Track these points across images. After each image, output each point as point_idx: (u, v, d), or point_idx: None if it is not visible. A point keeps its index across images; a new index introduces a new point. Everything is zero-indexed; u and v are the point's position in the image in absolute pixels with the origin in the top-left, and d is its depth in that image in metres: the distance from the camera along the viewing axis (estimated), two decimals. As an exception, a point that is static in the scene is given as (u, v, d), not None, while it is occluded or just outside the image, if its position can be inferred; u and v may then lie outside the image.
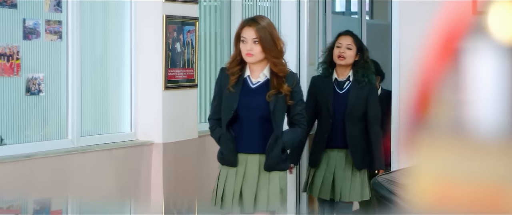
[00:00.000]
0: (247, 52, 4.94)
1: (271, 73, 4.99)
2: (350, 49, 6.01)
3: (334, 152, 6.01)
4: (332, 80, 6.05)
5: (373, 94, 6.04)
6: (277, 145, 4.97)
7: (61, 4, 5.21)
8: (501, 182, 1.02)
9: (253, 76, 5.03)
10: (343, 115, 5.95)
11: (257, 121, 4.97)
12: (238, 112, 4.97)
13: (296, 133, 5.11)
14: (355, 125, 5.94)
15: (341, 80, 6.06)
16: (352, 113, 5.93)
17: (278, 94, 4.98)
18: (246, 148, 4.99)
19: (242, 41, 4.97)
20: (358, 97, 5.95)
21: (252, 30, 4.96)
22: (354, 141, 5.95)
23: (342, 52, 6.01)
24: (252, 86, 5.03)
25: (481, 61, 1.07)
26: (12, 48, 4.87)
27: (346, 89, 6.01)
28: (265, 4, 7.49)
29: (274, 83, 4.98)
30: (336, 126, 5.96)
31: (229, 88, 4.98)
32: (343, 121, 5.94)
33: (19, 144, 4.97)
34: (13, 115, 4.95)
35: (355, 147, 5.95)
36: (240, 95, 4.99)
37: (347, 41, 6.05)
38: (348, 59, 6.00)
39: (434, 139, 1.09)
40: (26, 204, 4.68)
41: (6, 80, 4.87)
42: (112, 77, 5.90)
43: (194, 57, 6.21)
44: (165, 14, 5.85)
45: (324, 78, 6.09)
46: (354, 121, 5.94)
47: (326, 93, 6.01)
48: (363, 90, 5.97)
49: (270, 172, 5.00)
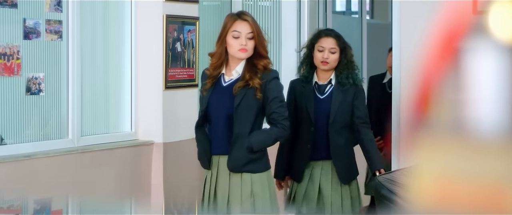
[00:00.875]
0: (241, 47, 4.70)
1: (245, 67, 4.72)
2: (334, 52, 5.34)
3: (318, 163, 5.33)
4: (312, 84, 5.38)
5: (359, 97, 5.37)
6: (239, 144, 4.64)
7: (61, 4, 5.21)
8: (502, 182, 1.01)
9: (227, 74, 4.80)
10: (326, 122, 5.29)
11: (225, 120, 4.67)
12: (208, 112, 4.75)
13: (270, 133, 4.74)
14: (340, 134, 5.29)
15: (322, 84, 5.38)
16: (336, 121, 5.28)
17: (247, 87, 4.67)
18: (218, 149, 4.69)
19: (233, 37, 4.72)
20: (342, 102, 5.31)
21: (247, 24, 4.69)
22: (339, 152, 5.30)
23: (325, 58, 5.33)
24: (223, 85, 4.77)
25: (481, 61, 1.06)
26: (12, 48, 4.87)
27: (328, 94, 5.36)
28: (266, 4, 7.48)
29: (246, 76, 4.67)
30: (318, 135, 5.29)
31: (202, 91, 4.81)
32: (326, 129, 5.28)
33: (19, 144, 4.97)
34: (13, 115, 4.95)
35: (339, 158, 5.30)
36: (211, 94, 4.76)
37: (330, 44, 5.36)
38: (332, 63, 5.34)
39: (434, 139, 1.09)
40: (26, 204, 4.68)
41: (7, 80, 4.87)
42: (112, 77, 5.90)
43: (195, 57, 6.21)
44: (166, 13, 5.85)
45: (303, 81, 5.40)
46: (338, 130, 5.29)
47: (306, 98, 5.34)
48: (347, 93, 5.33)
49: (241, 174, 4.70)
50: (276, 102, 4.72)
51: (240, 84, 4.64)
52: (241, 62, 4.70)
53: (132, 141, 5.89)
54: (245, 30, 4.66)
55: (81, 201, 4.74)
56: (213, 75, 4.76)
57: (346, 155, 5.32)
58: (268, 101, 4.70)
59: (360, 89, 5.41)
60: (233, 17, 4.75)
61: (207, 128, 4.80)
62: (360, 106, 5.34)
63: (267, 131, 4.74)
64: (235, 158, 4.68)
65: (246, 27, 4.66)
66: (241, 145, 4.66)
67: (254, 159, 4.70)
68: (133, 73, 5.92)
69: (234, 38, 4.66)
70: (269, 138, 4.75)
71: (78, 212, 4.68)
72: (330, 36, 5.40)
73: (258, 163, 4.73)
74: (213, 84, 4.75)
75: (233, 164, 4.69)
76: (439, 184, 1.07)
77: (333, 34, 5.41)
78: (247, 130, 4.68)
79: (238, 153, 4.67)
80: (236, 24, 4.68)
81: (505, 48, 1.05)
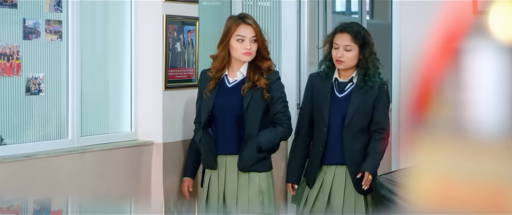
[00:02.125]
0: (245, 51, 4.80)
1: (249, 68, 4.83)
2: (349, 50, 4.88)
3: (331, 168, 4.88)
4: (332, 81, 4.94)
5: (382, 100, 4.86)
6: (249, 144, 4.76)
7: (61, 4, 5.21)
8: (501, 182, 1.01)
9: (230, 75, 4.88)
10: (341, 124, 4.84)
11: (233, 121, 4.79)
12: (214, 112, 4.83)
13: (276, 132, 4.82)
14: (356, 138, 4.82)
15: (342, 82, 4.94)
16: (351, 123, 4.81)
17: (254, 88, 4.78)
18: (225, 149, 4.82)
19: (237, 40, 4.82)
20: (361, 103, 4.84)
21: (250, 28, 4.80)
22: (354, 157, 4.83)
23: (339, 56, 4.88)
24: (228, 86, 4.86)
25: (481, 61, 1.06)
26: (12, 48, 4.87)
27: (347, 93, 4.89)
28: (265, 4, 7.48)
29: (251, 77, 4.76)
30: (332, 137, 4.85)
31: (206, 93, 4.88)
32: (341, 132, 4.83)
33: (19, 144, 4.96)
34: (13, 115, 4.94)
35: (355, 164, 4.82)
36: (216, 95, 4.84)
37: (344, 41, 4.90)
38: (347, 62, 4.88)
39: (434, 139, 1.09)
40: (26, 204, 4.68)
41: (6, 80, 4.87)
42: (112, 77, 5.89)
43: (195, 57, 6.21)
44: (165, 14, 5.85)
45: (324, 76, 4.95)
46: (354, 133, 4.82)
47: (323, 95, 4.89)
48: (368, 95, 4.85)
49: (249, 173, 4.81)
50: (280, 102, 4.84)
51: (248, 85, 4.74)
52: (245, 64, 4.77)
53: (132, 141, 5.89)
54: (249, 34, 4.77)
55: (81, 201, 4.74)
56: (216, 77, 4.83)
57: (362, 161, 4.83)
58: (272, 102, 4.81)
59: (384, 92, 4.91)
60: (237, 21, 4.85)
61: (210, 128, 4.86)
62: (380, 111, 4.85)
63: (274, 130, 4.85)
64: (246, 157, 4.80)
65: (250, 31, 4.78)
66: (251, 145, 4.78)
67: (261, 158, 4.81)
68: (133, 74, 5.91)
69: (238, 42, 4.74)
70: (276, 138, 4.87)
71: (78, 212, 4.68)
72: (346, 31, 4.92)
73: (264, 162, 4.85)
74: (217, 86, 4.81)
75: (244, 164, 4.80)
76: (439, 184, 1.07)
77: (349, 30, 4.92)
78: (256, 130, 4.80)
79: (248, 153, 4.79)
80: (240, 29, 4.79)
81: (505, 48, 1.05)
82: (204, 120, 4.85)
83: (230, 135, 4.80)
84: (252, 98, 4.77)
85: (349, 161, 4.82)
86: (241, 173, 4.81)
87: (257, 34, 4.79)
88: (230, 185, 4.84)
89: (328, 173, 4.88)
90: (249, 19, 4.87)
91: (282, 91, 4.88)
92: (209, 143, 4.84)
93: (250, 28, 4.80)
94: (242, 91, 4.76)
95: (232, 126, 4.80)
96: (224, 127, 4.82)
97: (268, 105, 4.83)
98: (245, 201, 4.79)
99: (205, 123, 4.85)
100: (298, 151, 5.06)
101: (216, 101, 4.82)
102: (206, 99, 4.86)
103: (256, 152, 4.79)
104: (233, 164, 4.82)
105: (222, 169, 4.85)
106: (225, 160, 4.84)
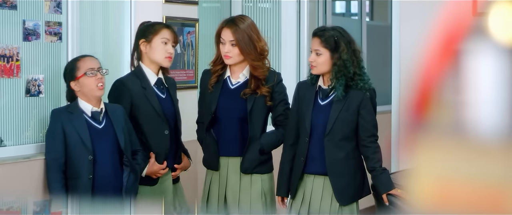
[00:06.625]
0: (224, 54, 4.81)
1: (250, 74, 4.87)
2: (320, 54, 4.60)
3: (310, 178, 4.67)
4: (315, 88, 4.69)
5: (366, 106, 4.59)
6: (253, 147, 4.81)
7: (61, 5, 5.21)
8: (501, 182, 1.02)
9: (233, 76, 4.89)
10: (322, 133, 4.60)
11: (236, 123, 4.82)
12: (217, 114, 4.85)
13: (277, 134, 4.87)
14: (338, 147, 4.57)
15: (325, 89, 4.67)
16: (333, 131, 4.57)
17: (255, 94, 4.82)
18: (227, 151, 4.85)
19: (221, 43, 4.85)
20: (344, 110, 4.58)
21: (229, 32, 4.79)
22: (336, 167, 4.59)
23: (311, 61, 4.65)
24: (231, 87, 4.88)
25: (481, 62, 1.07)
26: (12, 50, 4.87)
27: (329, 101, 4.64)
28: (265, 5, 7.48)
29: (252, 85, 4.80)
30: (313, 146, 4.63)
31: (209, 87, 4.91)
32: (322, 141, 4.59)
33: (19, 145, 4.96)
34: (13, 116, 4.94)
35: (336, 175, 4.59)
36: (219, 97, 4.86)
37: (314, 45, 4.64)
38: (319, 67, 4.61)
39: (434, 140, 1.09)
40: (25, 206, 4.68)
41: (6, 81, 4.87)
42: (112, 78, 5.89)
43: (194, 58, 6.21)
44: (165, 15, 5.85)
45: (310, 84, 4.72)
46: (336, 142, 4.56)
47: (307, 103, 4.66)
48: (352, 101, 4.58)
49: (251, 175, 4.84)
50: (282, 105, 4.88)
51: (248, 91, 4.75)
52: (247, 66, 4.80)
53: (131, 142, 5.88)
54: (227, 38, 4.79)
55: (81, 202, 4.74)
56: (216, 70, 4.88)
57: (346, 171, 4.62)
58: (275, 104, 4.87)
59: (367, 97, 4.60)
60: (222, 23, 4.88)
61: (212, 130, 4.89)
62: (366, 117, 4.59)
63: (275, 133, 4.90)
64: (249, 160, 4.84)
65: (228, 35, 4.78)
66: (254, 147, 4.82)
67: (263, 160, 4.86)
68: (133, 75, 5.90)
69: (221, 44, 4.79)
70: (278, 140, 4.90)
71: (78, 212, 4.68)
72: (316, 35, 4.66)
73: (266, 164, 4.89)
74: (220, 87, 4.84)
75: (246, 166, 4.83)
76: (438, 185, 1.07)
77: (319, 34, 4.64)
78: (259, 132, 4.86)
79: (251, 155, 4.83)
80: (222, 31, 4.80)
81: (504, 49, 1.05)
82: (207, 120, 4.88)
83: (233, 136, 4.84)
84: (256, 101, 4.82)
85: (330, 170, 4.59)
86: (243, 174, 4.85)
87: (235, 39, 4.76)
88: (232, 186, 4.86)
89: (308, 183, 4.67)
90: (232, 22, 4.82)
91: (284, 93, 4.92)
92: (213, 144, 4.88)
93: (228, 32, 4.79)
94: (243, 95, 4.79)
95: (235, 127, 4.83)
96: (227, 128, 4.85)
97: (270, 108, 4.89)
98: (248, 203, 4.82)
99: (209, 124, 4.87)
100: (286, 162, 4.81)
101: (219, 103, 4.85)
102: (209, 97, 4.89)
103: (258, 154, 4.82)
104: (235, 165, 4.86)
105: (223, 170, 4.88)
106: (227, 162, 4.88)
